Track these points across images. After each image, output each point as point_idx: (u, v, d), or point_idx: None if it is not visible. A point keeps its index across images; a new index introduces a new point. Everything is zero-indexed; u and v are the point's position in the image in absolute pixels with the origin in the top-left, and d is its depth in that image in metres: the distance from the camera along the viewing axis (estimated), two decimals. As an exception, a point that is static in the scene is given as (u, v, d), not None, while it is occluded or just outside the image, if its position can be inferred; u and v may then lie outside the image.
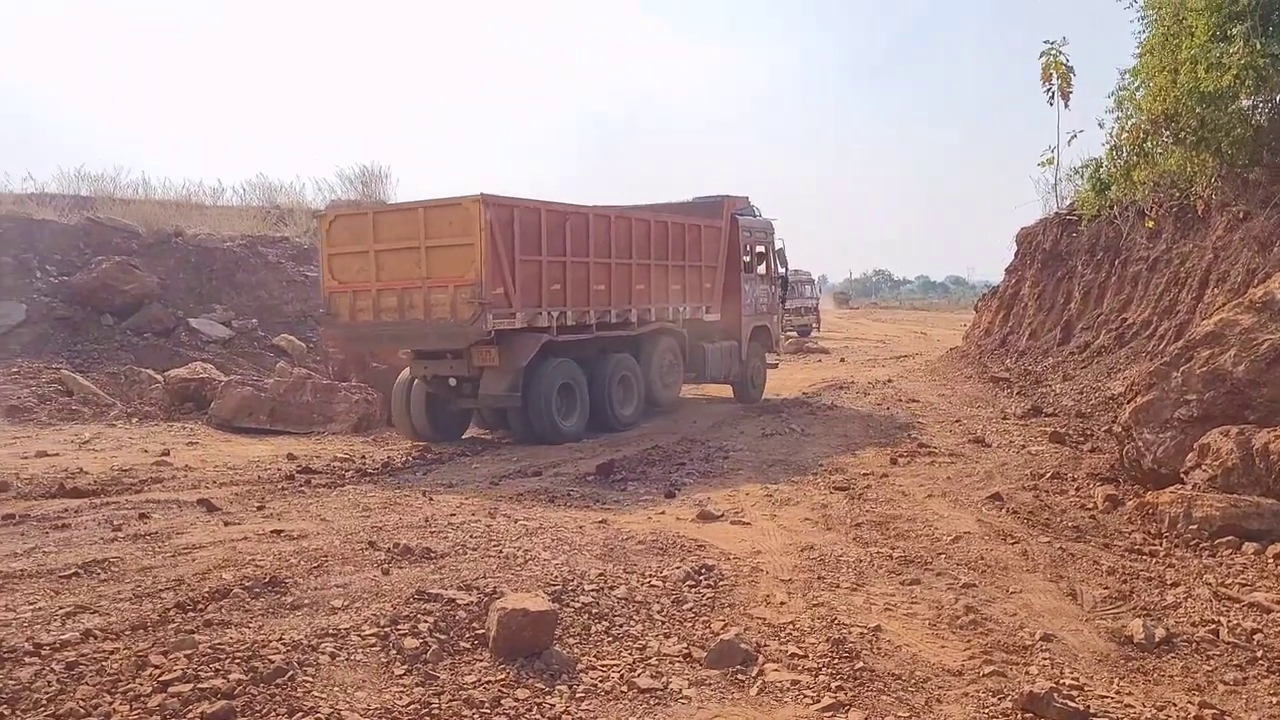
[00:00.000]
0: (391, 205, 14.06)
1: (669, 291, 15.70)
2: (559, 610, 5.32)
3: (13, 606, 5.67)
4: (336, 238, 13.26)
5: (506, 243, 12.24)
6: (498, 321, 12.17)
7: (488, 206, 11.95)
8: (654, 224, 15.43)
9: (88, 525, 7.94)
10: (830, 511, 8.32)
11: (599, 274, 14.01)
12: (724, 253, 17.27)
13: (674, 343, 16.00)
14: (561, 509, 8.64)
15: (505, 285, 12.26)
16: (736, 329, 17.60)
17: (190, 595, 5.78)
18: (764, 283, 18.74)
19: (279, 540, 7.24)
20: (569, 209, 13.57)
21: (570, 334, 13.47)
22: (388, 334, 13.17)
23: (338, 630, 5.14)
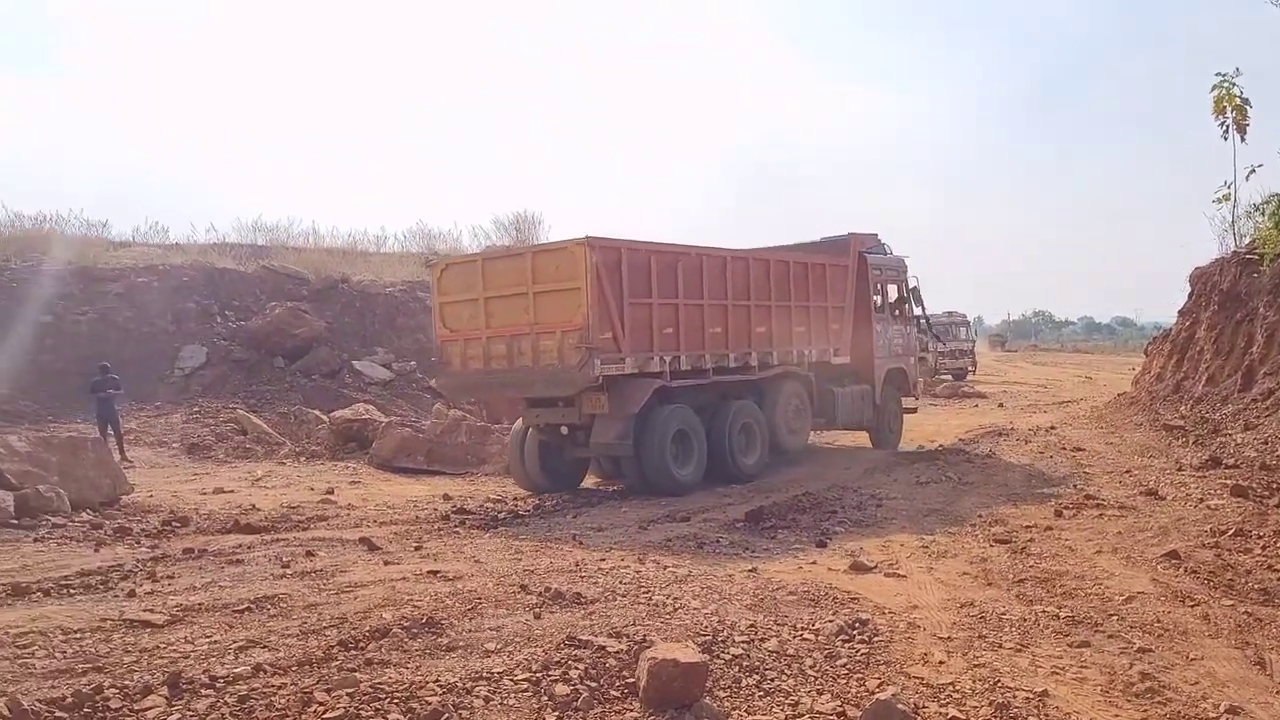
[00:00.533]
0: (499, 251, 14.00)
1: (793, 334, 15.09)
2: (709, 661, 5.25)
3: (191, 639, 5.98)
4: (447, 286, 13.27)
5: (614, 286, 11.95)
6: (606, 367, 11.85)
7: (593, 249, 11.70)
8: (774, 264, 14.86)
9: (259, 561, 8.34)
10: (991, 566, 7.96)
11: (715, 316, 13.53)
12: (852, 292, 16.61)
13: (800, 387, 15.37)
14: (710, 556, 8.57)
15: (614, 329, 11.96)
16: (869, 372, 16.93)
17: (352, 633, 5.97)
18: (898, 323, 18.01)
19: (435, 581, 7.43)
20: (680, 250, 13.20)
21: (685, 379, 13.07)
22: (498, 381, 12.95)
23: (491, 674, 5.20)
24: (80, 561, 8.50)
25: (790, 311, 14.98)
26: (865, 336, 16.85)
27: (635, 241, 12.49)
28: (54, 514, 10.51)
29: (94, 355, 20.45)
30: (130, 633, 6.13)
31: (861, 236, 17.33)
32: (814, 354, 15.55)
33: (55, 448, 11.64)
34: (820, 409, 15.85)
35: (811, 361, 15.50)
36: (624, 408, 12.21)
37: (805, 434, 15.67)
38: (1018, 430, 18.67)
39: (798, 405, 15.24)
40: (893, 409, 17.72)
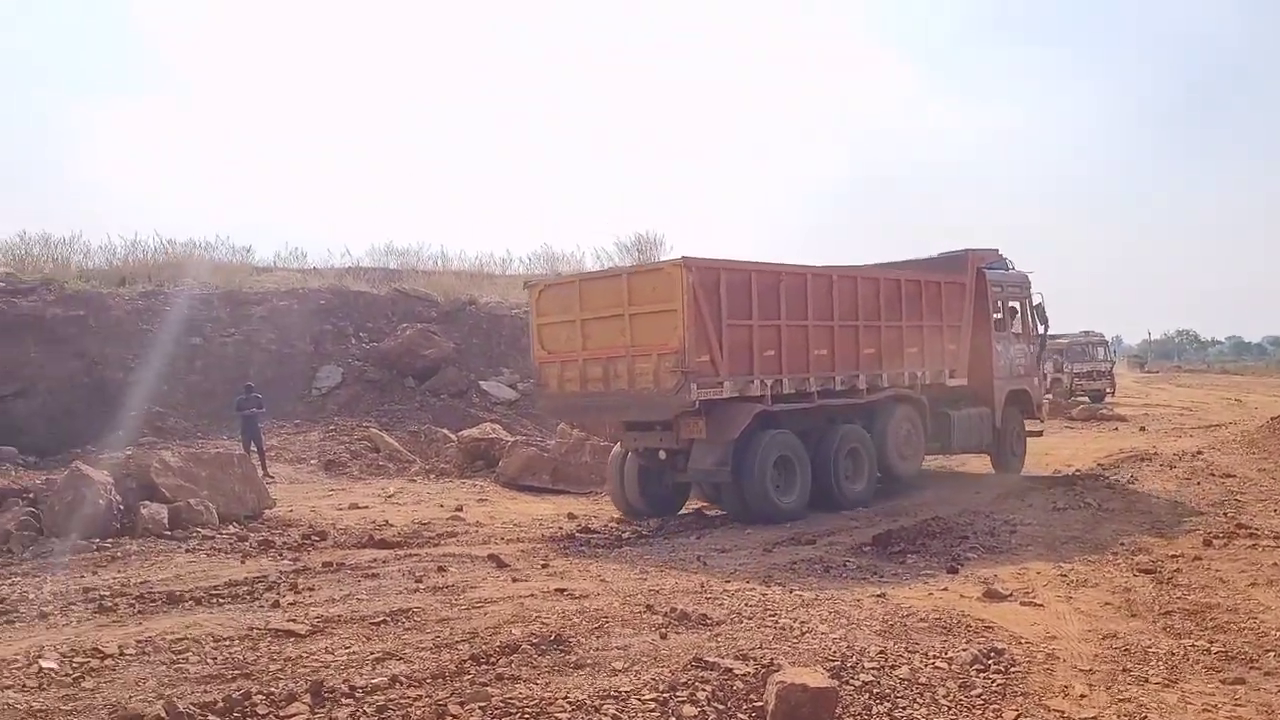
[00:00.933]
0: (596, 273, 13.96)
1: (904, 355, 14.48)
2: (839, 687, 5.17)
3: (331, 649, 6.21)
4: (545, 307, 13.14)
5: (712, 307, 11.60)
6: (703, 391, 11.50)
7: (690, 270, 11.39)
8: (884, 282, 14.27)
9: (393, 575, 8.60)
10: (1134, 596, 7.62)
11: (820, 338, 13.06)
12: (969, 311, 15.86)
13: (912, 410, 14.69)
14: (837, 580, 8.44)
15: (711, 352, 11.61)
16: (988, 393, 16.17)
17: (483, 648, 6.10)
18: (1020, 342, 17.17)
19: (563, 599, 7.52)
20: (783, 269, 12.79)
21: (788, 403, 12.62)
22: (594, 404, 12.72)
23: (619, 692, 5.24)
24: (228, 572, 8.91)
25: (902, 332, 14.43)
26: (984, 357, 16.12)
27: (735, 261, 12.22)
28: (203, 526, 11.06)
29: (239, 375, 21.46)
30: (275, 641, 6.39)
31: (980, 252, 16.64)
32: (927, 376, 14.91)
33: (205, 463, 12.25)
34: (934, 433, 15.19)
35: (925, 384, 14.89)
36: (723, 433, 11.89)
37: (918, 460, 15.01)
38: (1161, 455, 17.80)
39: (909, 429, 14.62)
40: (1015, 432, 16.99)
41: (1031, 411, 17.61)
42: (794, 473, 12.45)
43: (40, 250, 26.13)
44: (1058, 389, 37.71)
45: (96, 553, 9.73)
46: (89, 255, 26.97)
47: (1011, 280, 17.12)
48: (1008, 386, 16.63)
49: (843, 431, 13.30)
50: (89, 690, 5.42)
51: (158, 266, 26.77)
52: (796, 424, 12.82)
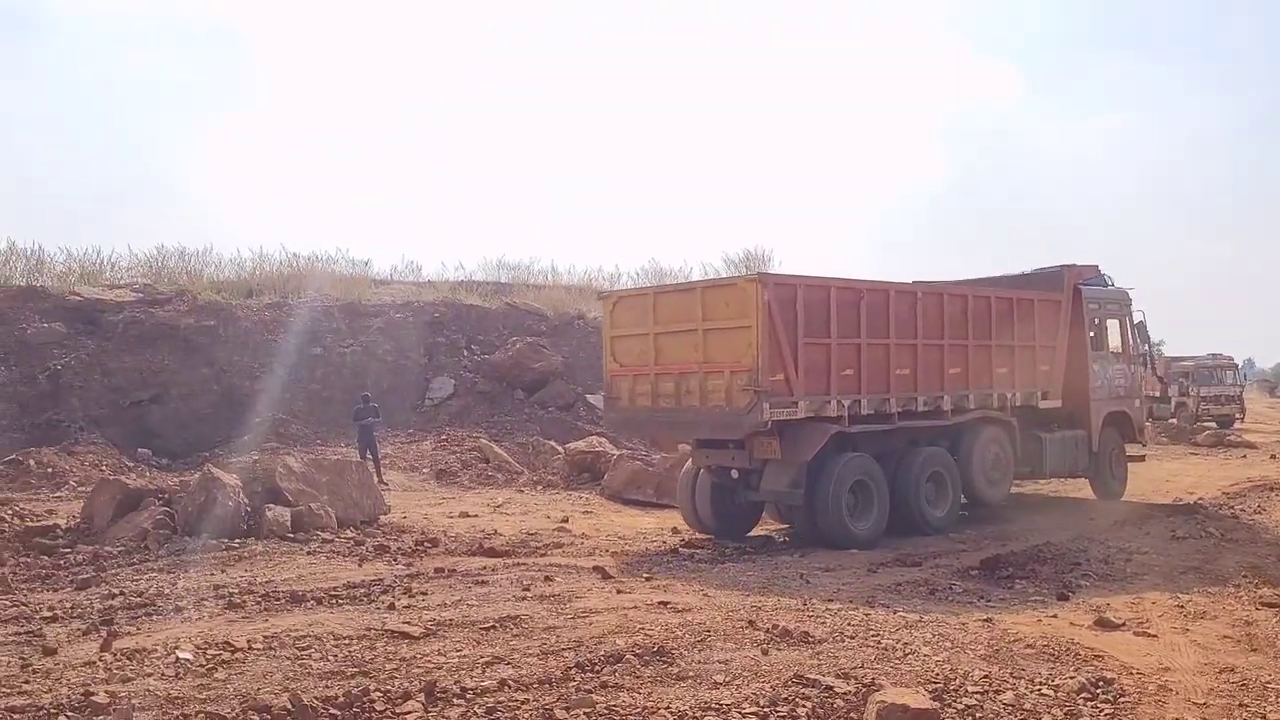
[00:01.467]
0: (671, 285, 13.27)
1: (993, 375, 13.87)
2: (940, 709, 5.17)
3: (444, 651, 6.47)
4: (619, 319, 12.84)
5: (788, 325, 11.22)
6: (776, 411, 11.12)
7: (765, 286, 11.09)
8: (972, 299, 13.71)
9: (502, 583, 8.85)
10: (1257, 630, 7.36)
11: (903, 357, 12.58)
12: (1064, 329, 15.16)
13: (1000, 433, 14.01)
14: (943, 603, 8.36)
15: (786, 371, 11.21)
16: (1084, 415, 15.44)
17: (588, 656, 6.27)
18: (1119, 361, 16.38)
19: (666, 611, 7.66)
20: (863, 285, 12.42)
21: (867, 424, 12.18)
22: (665, 420, 12.49)
23: (720, 705, 5.34)
24: (346, 575, 9.31)
25: (990, 351, 13.84)
26: (1080, 377, 15.41)
27: (813, 277, 11.92)
28: (323, 530, 11.54)
29: (356, 385, 22.26)
30: (391, 642, 6.68)
31: (1078, 268, 15.93)
32: (1018, 397, 14.29)
33: (325, 469, 12.78)
34: (1025, 457, 14.48)
35: (1015, 405, 14.28)
36: (797, 454, 11.46)
37: (1006, 484, 14.33)
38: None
39: (997, 453, 13.94)
40: (1114, 455, 16.24)
41: (1132, 435, 16.87)
42: (870, 498, 12.02)
43: (176, 263, 27.59)
44: (1183, 414, 36.27)
45: (225, 552, 10.26)
46: (220, 268, 28.33)
47: (1111, 297, 16.45)
48: (1105, 408, 15.91)
49: (925, 454, 12.84)
50: (221, 681, 5.77)
51: (283, 279, 27.96)
52: (875, 446, 12.41)
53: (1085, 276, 15.93)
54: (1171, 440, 28.73)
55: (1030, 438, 14.54)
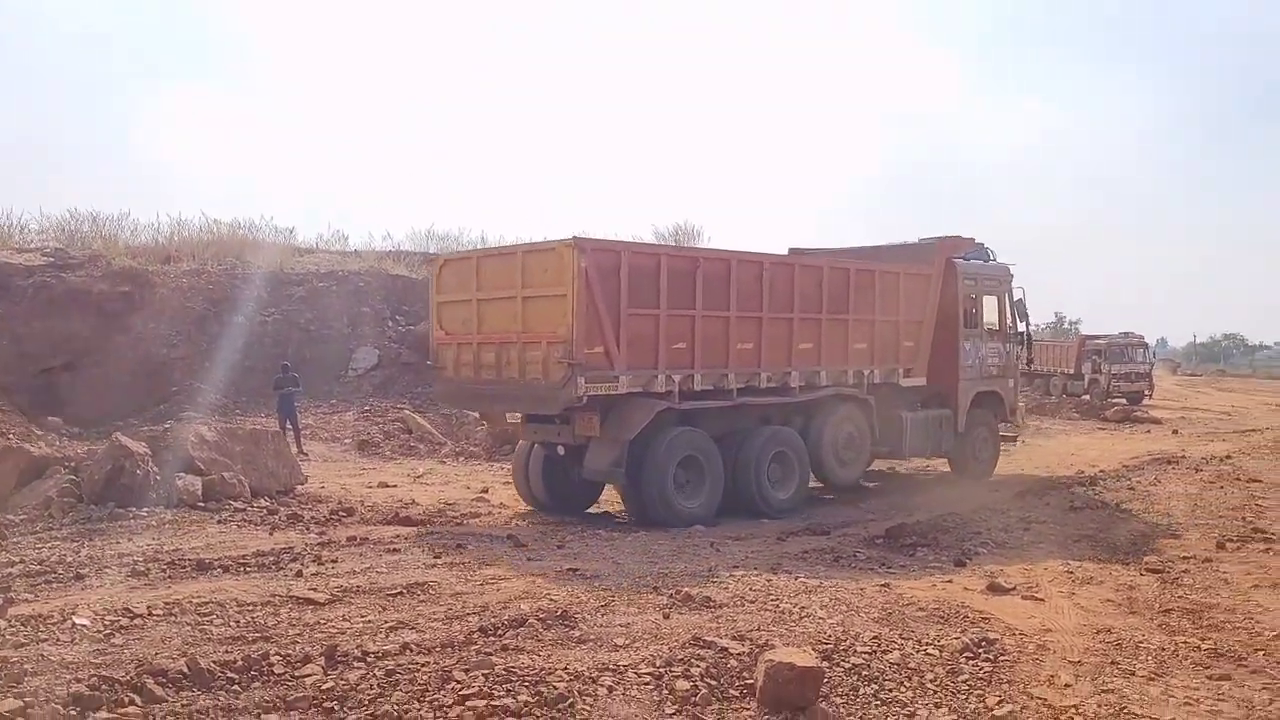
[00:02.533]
0: (495, 249, 12.00)
1: (849, 351, 13.26)
2: (828, 669, 5.37)
3: (348, 617, 6.50)
4: (446, 284, 12.20)
5: (609, 294, 10.55)
6: (593, 386, 10.50)
7: (583, 252, 10.35)
8: (828, 271, 13.01)
9: (414, 551, 8.89)
10: (1137, 594, 7.73)
11: (745, 331, 11.92)
12: (933, 304, 14.54)
13: (855, 411, 13.46)
14: (845, 570, 8.62)
15: (606, 343, 10.57)
16: (951, 394, 14.97)
17: (492, 621, 6.37)
18: (993, 340, 15.78)
19: (574, 578, 7.78)
20: (700, 254, 11.73)
21: (702, 400, 11.62)
22: (486, 393, 11.82)
23: (617, 666, 5.47)
24: (256, 543, 9.25)
25: (847, 326, 13.22)
26: (949, 355, 14.88)
27: (641, 244, 11.43)
28: (236, 499, 11.41)
29: (278, 355, 21.95)
30: (296, 608, 6.70)
31: (952, 241, 15.24)
32: (877, 374, 13.72)
33: (239, 439, 12.61)
34: (884, 436, 13.95)
35: (873, 383, 13.70)
36: (620, 431, 10.86)
37: (860, 465, 13.88)
38: (1189, 458, 17.76)
39: (851, 432, 13.41)
40: (981, 436, 15.69)
41: (1005, 415, 16.36)
42: (703, 475, 11.48)
43: (89, 228, 26.84)
44: (1095, 390, 37.46)
45: (133, 521, 10.10)
46: (136, 233, 27.63)
47: (989, 273, 15.82)
48: (975, 388, 15.38)
49: (768, 434, 12.28)
50: (118, 646, 5.74)
51: (202, 245, 27.35)
52: (712, 424, 11.87)
53: (961, 250, 15.32)
54: (1082, 416, 29.64)
55: (891, 417, 14.04)
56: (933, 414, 14.74)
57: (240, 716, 4.74)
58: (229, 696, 4.99)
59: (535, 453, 12.36)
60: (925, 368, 14.48)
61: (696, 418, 11.69)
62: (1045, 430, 24.78)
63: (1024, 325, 16.49)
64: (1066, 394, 38.00)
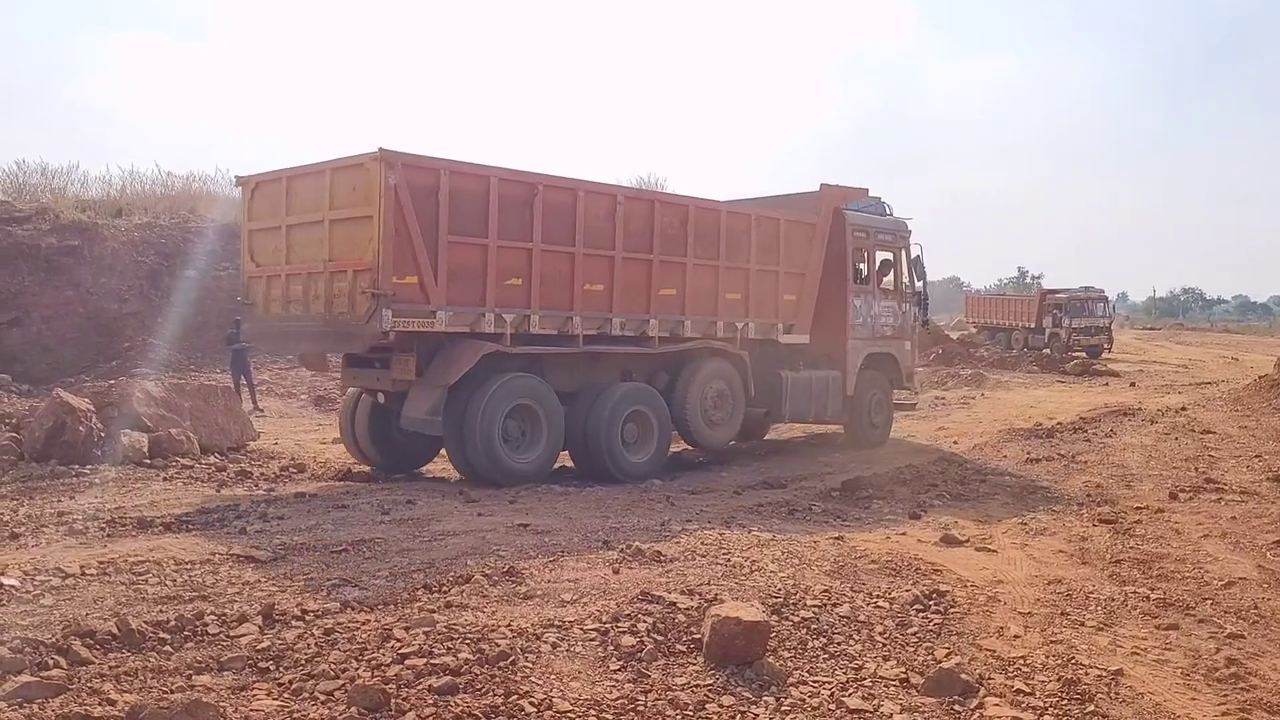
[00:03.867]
0: (303, 167, 10.51)
1: (719, 301, 12.22)
2: (776, 622, 5.30)
3: (290, 575, 6.35)
4: (257, 209, 10.89)
5: (425, 217, 9.47)
6: (403, 321, 9.43)
7: (392, 167, 9.21)
8: (694, 211, 11.86)
9: (363, 508, 8.73)
10: (1089, 545, 7.75)
11: (595, 270, 10.87)
12: (818, 257, 13.50)
13: (727, 368, 12.43)
14: (799, 523, 8.57)
15: (420, 273, 9.51)
16: (840, 355, 13.94)
17: (437, 578, 6.24)
18: (888, 298, 14.79)
19: (524, 533, 7.67)
20: (540, 180, 10.35)
21: (541, 345, 10.68)
22: (294, 331, 10.63)
23: (563, 622, 5.36)
24: (201, 500, 9.05)
25: (717, 273, 12.13)
26: (836, 312, 13.87)
27: (466, 163, 9.90)
28: (184, 456, 11.16)
29: (232, 310, 21.53)
30: (236, 566, 6.53)
31: (841, 190, 14.16)
32: (753, 329, 12.72)
33: (188, 394, 12.34)
34: (761, 396, 12.95)
35: (749, 337, 12.71)
36: (439, 376, 9.94)
37: (731, 426, 12.73)
38: (1145, 410, 17.93)
39: (721, 389, 12.38)
40: (875, 400, 14.59)
41: (901, 380, 15.31)
42: (539, 427, 10.54)
43: (38, 179, 26.12)
44: (1055, 344, 37.82)
45: (75, 479, 9.85)
46: (86, 185, 26.95)
47: (882, 227, 14.72)
48: (866, 349, 14.34)
49: (623, 391, 11.22)
50: (47, 607, 5.55)
51: (155, 199, 26.73)
52: (559, 374, 11.02)
53: (851, 200, 14.33)
54: (1042, 369, 29.88)
55: (769, 375, 13.07)
56: (818, 375, 13.64)
57: (170, 678, 4.58)
58: (160, 658, 4.82)
59: (363, 402, 11.36)
60: (808, 324, 13.52)
61: (538, 365, 10.78)
62: (1006, 384, 24.97)
63: (921, 284, 15.40)
64: (1027, 347, 38.35)
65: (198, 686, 4.43)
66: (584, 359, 11.15)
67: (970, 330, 45.65)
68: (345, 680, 4.53)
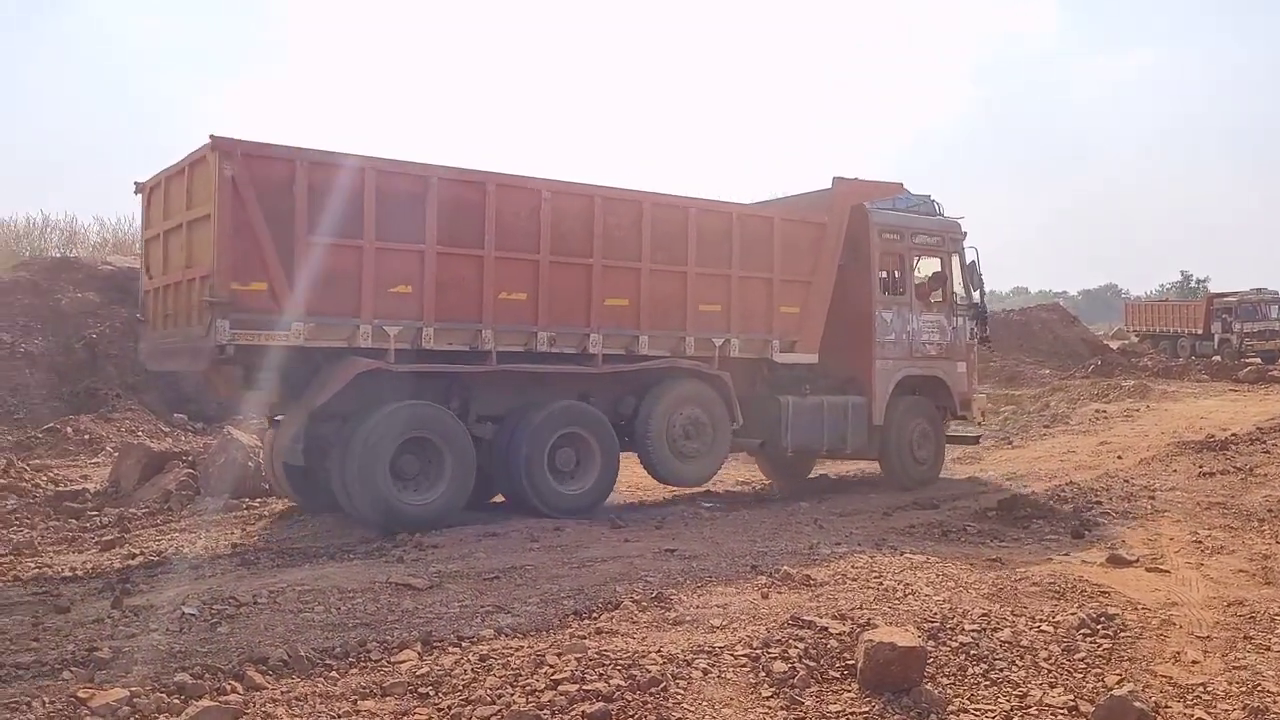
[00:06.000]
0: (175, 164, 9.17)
1: (690, 314, 10.57)
2: (933, 648, 5.14)
3: (444, 602, 6.52)
4: (151, 215, 9.82)
5: (277, 215, 8.29)
6: (244, 333, 8.24)
7: (229, 158, 8.12)
8: (650, 209, 10.27)
9: (512, 536, 8.88)
10: (1274, 564, 7.25)
11: (511, 276, 9.48)
12: (828, 262, 11.57)
13: (703, 391, 10.77)
14: (954, 544, 8.32)
15: (271, 278, 8.31)
16: (864, 377, 12.05)
17: (586, 604, 6.30)
18: (932, 312, 12.69)
19: (671, 559, 7.67)
20: (434, 173, 9.10)
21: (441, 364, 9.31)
22: (167, 348, 9.56)
23: (713, 648, 5.33)
24: (361, 531, 9.39)
25: (686, 280, 10.52)
26: (860, 327, 11.97)
27: (330, 153, 8.73)
28: (345, 488, 11.62)
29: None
30: (395, 594, 6.74)
31: (861, 185, 12.18)
32: (736, 346, 10.94)
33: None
34: (755, 424, 11.25)
35: (732, 356, 10.95)
36: (306, 399, 8.83)
37: (710, 460, 11.00)
38: (1333, 418, 16.66)
39: (695, 417, 10.68)
40: (919, 431, 12.44)
41: (954, 407, 12.99)
42: (442, 462, 9.21)
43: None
44: (1225, 350, 35.72)
45: (246, 511, 10.41)
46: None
47: (923, 228, 12.73)
48: (901, 371, 12.26)
49: (551, 410, 9.75)
50: (224, 634, 5.85)
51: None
52: (478, 396, 9.67)
53: (877, 196, 12.38)
54: (1212, 377, 28.19)
55: (765, 401, 11.40)
56: (832, 400, 11.70)
57: (337, 703, 4.76)
58: (327, 684, 5.02)
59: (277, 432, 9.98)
60: (816, 341, 11.54)
61: (451, 387, 9.52)
62: (1173, 394, 23.61)
63: (978, 295, 13.26)
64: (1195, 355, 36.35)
65: (362, 712, 4.59)
66: (517, 380, 9.74)
67: (1131, 339, 43.63)
68: (501, 706, 4.62)
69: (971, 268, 13.08)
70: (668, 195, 10.68)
